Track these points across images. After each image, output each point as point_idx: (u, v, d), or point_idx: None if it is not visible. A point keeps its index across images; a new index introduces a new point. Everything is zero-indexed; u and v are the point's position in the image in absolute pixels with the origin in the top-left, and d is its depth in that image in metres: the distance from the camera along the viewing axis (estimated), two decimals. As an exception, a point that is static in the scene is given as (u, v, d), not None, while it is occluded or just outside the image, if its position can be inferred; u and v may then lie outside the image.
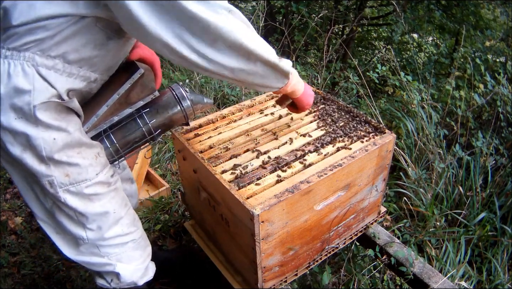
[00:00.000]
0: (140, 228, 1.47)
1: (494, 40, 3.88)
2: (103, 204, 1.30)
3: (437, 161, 2.53)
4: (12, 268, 2.30)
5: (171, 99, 1.41)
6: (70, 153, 1.18)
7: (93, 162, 1.24)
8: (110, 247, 1.37)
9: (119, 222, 1.36)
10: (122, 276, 1.41)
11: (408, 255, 1.78)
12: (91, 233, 1.32)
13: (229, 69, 1.12)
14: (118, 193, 1.36)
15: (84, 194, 1.25)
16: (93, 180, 1.25)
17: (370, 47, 6.67)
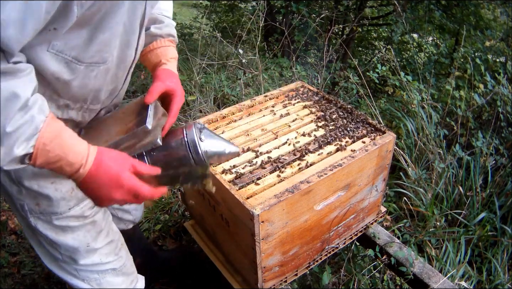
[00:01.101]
0: (124, 256, 1.36)
1: (494, 40, 3.88)
2: (75, 237, 1.19)
3: (437, 161, 2.52)
4: (12, 268, 2.30)
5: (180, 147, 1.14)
6: (42, 182, 1.07)
7: (67, 195, 1.12)
8: (89, 272, 1.29)
9: (97, 252, 1.26)
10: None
11: (408, 255, 1.78)
12: (66, 258, 1.25)
13: None
14: (96, 226, 1.24)
15: (55, 225, 1.15)
16: (64, 214, 1.14)
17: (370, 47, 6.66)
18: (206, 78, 3.63)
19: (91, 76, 1.02)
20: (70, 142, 0.90)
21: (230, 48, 4.00)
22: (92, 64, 0.99)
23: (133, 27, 1.04)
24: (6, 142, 0.78)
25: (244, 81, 3.57)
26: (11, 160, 0.81)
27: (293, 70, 3.79)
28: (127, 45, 1.07)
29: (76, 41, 0.93)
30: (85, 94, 1.06)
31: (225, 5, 6.71)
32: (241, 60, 3.82)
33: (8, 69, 0.77)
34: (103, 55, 1.00)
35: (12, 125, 0.77)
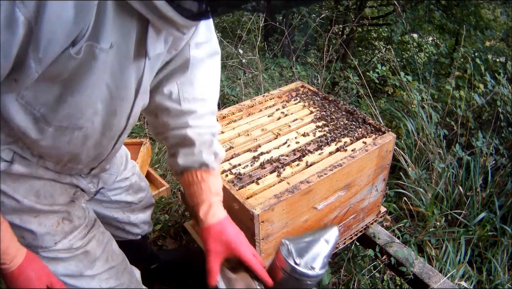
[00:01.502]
0: (126, 281, 1.28)
1: (494, 40, 3.88)
2: (67, 266, 1.12)
3: (437, 161, 2.52)
4: (12, 268, 2.29)
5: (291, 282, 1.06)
6: (25, 217, 1.02)
7: (52, 229, 1.06)
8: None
9: (95, 278, 1.19)
10: None
11: (408, 255, 1.78)
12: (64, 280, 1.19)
13: None
14: (89, 256, 1.15)
15: (43, 256, 1.09)
16: (51, 248, 1.08)
17: (370, 47, 6.67)
18: (206, 78, 3.63)
19: (63, 140, 0.92)
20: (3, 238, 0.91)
21: (230, 48, 4.00)
22: (61, 128, 0.88)
23: (122, 94, 0.90)
24: None
25: (244, 81, 3.57)
26: None
27: (293, 70, 3.79)
28: (114, 113, 0.93)
29: (46, 97, 0.82)
30: (59, 155, 0.98)
31: (225, 5, 6.69)
32: (241, 60, 3.82)
33: None
34: (75, 121, 0.88)
35: None
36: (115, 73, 0.84)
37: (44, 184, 1.04)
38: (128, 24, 0.79)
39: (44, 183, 1.04)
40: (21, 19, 0.64)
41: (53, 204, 1.06)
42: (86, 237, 1.15)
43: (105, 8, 0.72)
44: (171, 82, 1.10)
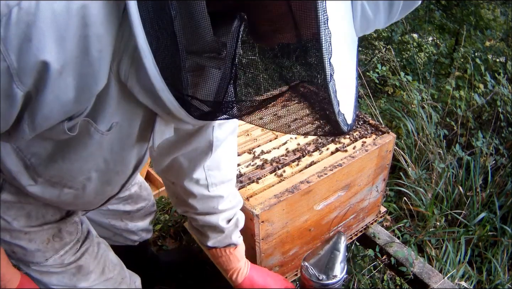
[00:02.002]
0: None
1: (494, 40, 3.88)
2: (60, 279, 1.12)
3: (437, 161, 2.52)
4: (12, 268, 2.29)
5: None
6: (14, 234, 1.01)
7: (42, 246, 1.05)
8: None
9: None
10: None
11: (408, 255, 1.78)
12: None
13: None
14: (83, 269, 1.14)
15: (35, 270, 1.08)
16: (42, 263, 1.08)
17: (370, 47, 6.66)
18: (206, 78, 3.63)
19: (53, 193, 0.91)
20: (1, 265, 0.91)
21: (230, 48, 3.99)
22: (52, 182, 0.88)
23: (118, 169, 0.90)
24: None
25: (244, 81, 3.57)
26: None
27: (293, 70, 3.78)
28: (108, 183, 0.94)
29: (38, 150, 0.81)
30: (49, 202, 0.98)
31: (225, 5, 6.69)
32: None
33: None
34: (65, 182, 0.88)
35: None
36: (114, 150, 0.82)
37: (36, 206, 1.01)
38: (133, 110, 0.75)
39: (36, 206, 1.01)
40: (20, 94, 0.61)
41: (43, 223, 1.04)
42: (78, 252, 1.13)
43: (108, 91, 0.68)
44: (197, 167, 1.11)
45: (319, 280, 1.29)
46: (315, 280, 1.30)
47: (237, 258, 1.32)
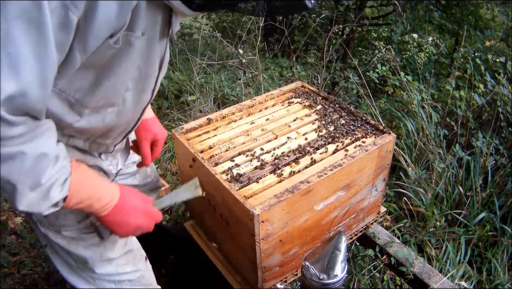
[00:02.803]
0: (142, 268, 1.34)
1: (494, 40, 3.88)
2: (87, 246, 1.18)
3: (437, 161, 2.52)
4: (12, 268, 2.30)
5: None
6: None
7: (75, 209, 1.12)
8: (105, 282, 1.27)
9: (112, 262, 1.25)
10: None
11: (408, 255, 1.78)
12: (81, 265, 1.23)
13: None
14: (110, 238, 1.21)
15: (65, 235, 1.15)
16: (73, 226, 1.14)
17: (370, 47, 6.66)
18: (206, 78, 3.63)
19: (98, 119, 0.99)
20: (96, 181, 0.98)
21: (230, 48, 4.00)
22: (98, 108, 0.97)
23: (149, 71, 1.02)
24: (44, 191, 0.85)
25: (244, 81, 3.57)
26: (49, 206, 0.87)
27: (293, 70, 3.79)
28: (142, 90, 1.04)
29: (81, 83, 0.90)
30: (93, 132, 1.05)
31: (225, 5, 6.68)
32: (241, 60, 3.82)
33: (33, 132, 0.80)
34: (110, 100, 0.97)
35: (46, 177, 0.84)
36: (144, 55, 0.95)
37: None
38: (156, 13, 0.92)
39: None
40: (75, 20, 0.73)
41: None
42: None
43: (139, 2, 0.84)
44: None
45: (320, 280, 1.30)
46: (316, 280, 1.31)
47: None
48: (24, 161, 0.79)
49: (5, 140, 0.76)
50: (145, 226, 1.10)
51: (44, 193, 0.85)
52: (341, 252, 1.36)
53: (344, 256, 1.36)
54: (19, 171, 0.80)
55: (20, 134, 0.78)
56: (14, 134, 0.77)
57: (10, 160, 0.78)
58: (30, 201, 0.84)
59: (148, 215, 1.10)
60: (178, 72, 3.80)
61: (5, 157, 0.77)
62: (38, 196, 0.84)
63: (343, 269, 1.33)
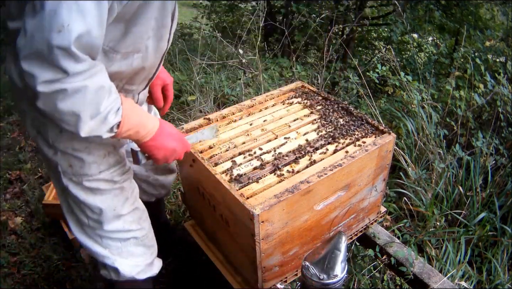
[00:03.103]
0: (146, 228, 1.49)
1: (494, 40, 3.88)
2: (103, 200, 1.33)
3: (437, 161, 2.52)
4: (12, 268, 2.30)
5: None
6: (77, 146, 1.23)
7: (99, 159, 1.28)
8: (111, 240, 1.41)
9: (121, 218, 1.39)
10: (121, 271, 1.44)
11: (408, 255, 1.78)
12: (92, 222, 1.37)
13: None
14: (124, 192, 1.38)
15: (85, 186, 1.29)
16: (95, 176, 1.29)
17: (370, 47, 6.66)
18: (206, 78, 3.63)
19: (127, 63, 1.17)
20: (141, 111, 1.18)
21: (230, 48, 4.00)
22: (127, 53, 1.14)
23: (164, 22, 1.18)
24: (101, 117, 1.03)
25: (244, 81, 3.57)
26: (107, 130, 1.06)
27: (293, 70, 3.79)
28: (160, 38, 1.21)
29: (114, 33, 1.07)
30: (121, 77, 1.22)
31: (225, 5, 6.70)
32: (241, 60, 3.82)
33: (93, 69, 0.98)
34: (137, 46, 1.15)
35: (103, 106, 1.02)
36: (160, 8, 1.13)
37: None
38: None
39: None
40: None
41: (102, 142, 1.26)
42: (124, 175, 1.37)
43: None
44: None
45: (320, 280, 1.30)
46: (316, 280, 1.31)
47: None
48: (86, 93, 0.97)
49: (72, 77, 0.94)
50: (178, 150, 1.29)
51: (102, 120, 1.03)
52: (341, 252, 1.37)
53: (344, 256, 1.36)
54: (82, 102, 0.97)
55: (85, 70, 0.95)
56: (79, 70, 0.94)
57: (76, 94, 0.95)
58: (91, 128, 1.02)
59: (181, 141, 1.31)
60: (178, 72, 3.81)
61: (71, 91, 0.95)
62: (97, 123, 1.02)
63: (343, 269, 1.33)
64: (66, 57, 0.90)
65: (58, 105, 0.95)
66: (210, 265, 1.75)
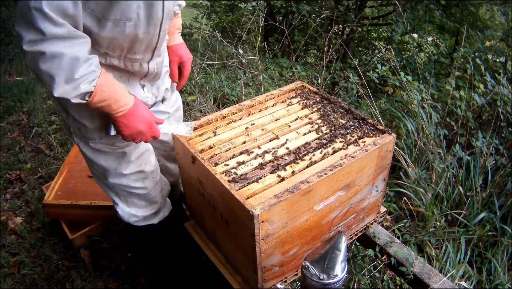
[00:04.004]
0: (149, 187, 1.70)
1: (494, 40, 3.87)
2: (106, 159, 1.54)
3: (437, 161, 2.52)
4: (12, 268, 2.30)
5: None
6: (82, 113, 1.39)
7: (100, 127, 1.43)
8: (119, 189, 1.65)
9: (124, 177, 1.60)
10: (120, 215, 1.74)
11: (408, 255, 1.78)
12: (100, 174, 1.61)
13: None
14: (126, 157, 1.56)
15: (91, 147, 1.50)
16: (97, 140, 1.47)
17: (370, 47, 6.66)
18: (206, 78, 3.63)
19: (119, 30, 1.24)
20: (117, 87, 1.28)
21: (230, 48, 4.00)
22: (117, 20, 1.21)
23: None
24: (74, 83, 1.14)
25: (244, 81, 3.57)
26: (77, 94, 1.16)
27: (293, 70, 3.79)
28: (151, 5, 1.25)
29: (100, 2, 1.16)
30: (120, 44, 1.30)
31: (225, 5, 6.70)
32: (241, 60, 3.82)
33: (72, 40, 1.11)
34: (126, 14, 1.21)
35: (78, 74, 1.14)
36: None
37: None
38: None
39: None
40: None
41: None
42: (125, 142, 1.50)
43: None
44: None
45: (320, 280, 1.30)
46: (316, 280, 1.31)
47: (174, 25, 1.69)
48: (62, 60, 1.10)
49: (51, 40, 1.07)
50: (145, 133, 1.38)
51: (75, 86, 1.14)
52: (341, 252, 1.36)
53: (344, 256, 1.36)
54: (58, 66, 1.10)
55: (62, 36, 1.08)
56: (56, 33, 1.07)
57: (53, 58, 1.09)
58: (64, 90, 1.14)
59: (150, 126, 1.39)
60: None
61: (49, 55, 1.08)
62: (70, 87, 1.14)
63: (343, 269, 1.33)
64: (43, 18, 1.04)
65: (39, 65, 1.10)
66: (210, 265, 1.75)
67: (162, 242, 2.03)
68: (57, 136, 3.48)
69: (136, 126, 1.34)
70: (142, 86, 1.51)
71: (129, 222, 1.76)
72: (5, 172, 3.09)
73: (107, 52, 1.32)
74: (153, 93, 1.58)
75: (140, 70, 1.44)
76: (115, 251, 2.34)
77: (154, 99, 1.60)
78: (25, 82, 4.60)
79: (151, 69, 1.47)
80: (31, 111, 3.94)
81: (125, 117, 1.31)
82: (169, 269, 2.11)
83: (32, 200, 2.78)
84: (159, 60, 1.50)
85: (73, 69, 1.13)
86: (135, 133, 1.36)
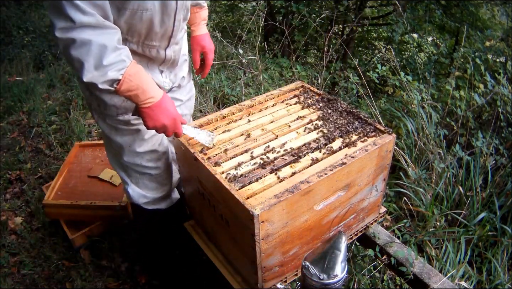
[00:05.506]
0: (161, 167, 1.74)
1: (494, 40, 3.87)
2: (121, 136, 1.60)
3: (437, 161, 2.52)
4: (12, 268, 2.30)
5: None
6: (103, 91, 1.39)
7: (118, 104, 1.50)
8: (131, 169, 1.70)
9: (138, 155, 1.65)
10: (131, 196, 1.78)
11: (408, 255, 1.78)
12: (116, 152, 1.67)
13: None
14: (140, 134, 1.61)
15: (108, 123, 1.57)
16: (114, 117, 1.54)
17: (370, 47, 6.67)
18: (206, 78, 3.63)
19: (137, 18, 1.33)
20: (146, 78, 1.31)
21: (230, 48, 4.01)
22: (134, 10, 1.30)
23: None
24: (103, 70, 1.19)
25: (244, 81, 3.57)
26: (104, 80, 1.21)
27: (293, 70, 3.79)
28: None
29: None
30: (138, 31, 1.38)
31: (225, 5, 6.71)
32: (241, 60, 3.82)
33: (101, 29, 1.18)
34: (142, 5, 1.30)
35: (107, 61, 1.19)
36: None
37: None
38: None
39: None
40: None
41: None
42: (140, 120, 1.51)
43: None
44: None
45: (320, 280, 1.30)
46: (316, 280, 1.30)
47: (200, 16, 1.77)
48: (91, 46, 1.16)
49: (80, 28, 1.14)
50: (168, 128, 1.41)
51: (103, 72, 1.19)
52: (341, 252, 1.36)
53: (344, 256, 1.36)
54: (87, 53, 1.16)
55: (91, 24, 1.15)
56: (85, 22, 1.13)
57: (83, 45, 1.15)
58: (93, 75, 1.19)
59: (174, 122, 1.42)
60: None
61: (79, 42, 1.15)
62: (98, 73, 1.19)
63: (343, 269, 1.33)
64: (72, 7, 1.11)
65: (70, 52, 1.16)
66: (210, 265, 1.75)
67: (163, 241, 2.03)
68: (57, 136, 3.49)
69: (160, 120, 1.37)
70: (161, 72, 1.59)
71: (138, 203, 1.79)
72: (5, 172, 3.09)
73: (127, 38, 1.40)
74: (170, 79, 1.66)
75: (158, 56, 1.51)
76: (115, 251, 2.34)
77: (171, 84, 1.67)
78: (25, 82, 4.60)
79: (168, 56, 1.54)
80: (31, 111, 3.94)
81: (152, 110, 1.35)
82: (169, 269, 2.11)
83: (32, 200, 2.79)
84: (176, 48, 1.57)
85: (101, 56, 1.18)
86: (159, 126, 1.39)
